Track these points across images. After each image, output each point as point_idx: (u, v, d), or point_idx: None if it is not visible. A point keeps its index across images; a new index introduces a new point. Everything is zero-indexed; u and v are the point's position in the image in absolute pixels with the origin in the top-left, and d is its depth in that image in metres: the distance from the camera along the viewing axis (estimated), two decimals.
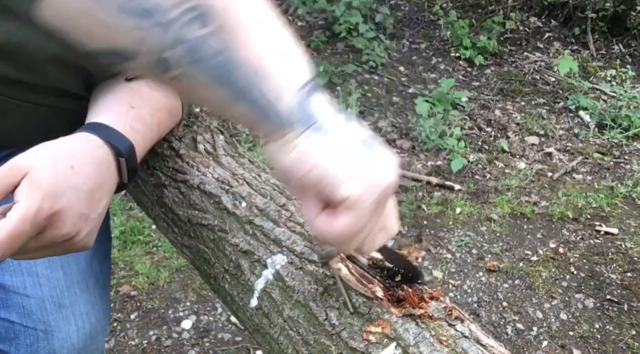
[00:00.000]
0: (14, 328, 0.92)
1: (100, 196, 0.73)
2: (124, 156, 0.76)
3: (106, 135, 0.75)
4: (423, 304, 0.66)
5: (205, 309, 2.31)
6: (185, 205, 0.87)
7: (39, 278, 0.92)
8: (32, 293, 0.92)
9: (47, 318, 0.93)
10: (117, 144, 0.76)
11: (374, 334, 0.63)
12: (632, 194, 3.17)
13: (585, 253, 2.73)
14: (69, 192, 0.67)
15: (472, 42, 4.53)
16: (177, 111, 0.94)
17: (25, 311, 0.92)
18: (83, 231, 0.70)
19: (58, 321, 0.93)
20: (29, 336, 0.92)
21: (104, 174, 0.73)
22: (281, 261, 0.73)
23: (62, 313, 0.94)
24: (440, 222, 2.89)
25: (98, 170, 0.72)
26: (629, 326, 2.34)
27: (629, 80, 4.41)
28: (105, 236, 1.07)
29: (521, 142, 3.64)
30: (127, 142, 0.77)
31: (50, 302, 0.93)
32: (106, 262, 1.07)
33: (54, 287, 0.94)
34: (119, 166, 0.77)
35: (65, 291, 0.95)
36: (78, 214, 0.68)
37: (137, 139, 0.79)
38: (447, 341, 0.62)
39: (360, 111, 3.76)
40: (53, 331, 0.93)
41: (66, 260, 0.95)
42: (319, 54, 4.46)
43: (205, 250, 0.83)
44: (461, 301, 2.43)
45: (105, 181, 0.74)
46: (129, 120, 0.80)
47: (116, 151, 0.76)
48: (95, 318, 0.99)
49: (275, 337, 0.71)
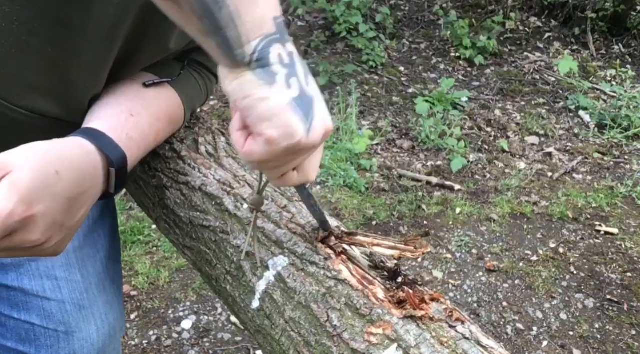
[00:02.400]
0: (34, 330, 0.93)
1: (81, 204, 0.70)
2: (115, 166, 0.73)
3: (100, 142, 0.73)
4: (424, 306, 0.66)
5: (205, 309, 2.31)
6: (187, 206, 0.87)
7: (58, 281, 0.93)
8: (52, 296, 0.92)
9: (68, 319, 0.93)
10: (109, 153, 0.73)
11: (375, 336, 0.63)
12: (632, 194, 3.17)
13: (585, 253, 2.74)
14: (47, 198, 0.65)
15: (472, 42, 4.53)
16: (178, 119, 0.92)
17: (46, 314, 0.92)
18: (54, 239, 0.68)
19: (79, 322, 0.94)
20: (50, 337, 0.93)
21: (88, 183, 0.70)
22: (283, 262, 0.73)
23: (82, 314, 0.94)
24: (440, 222, 2.89)
25: (83, 178, 0.69)
26: (629, 326, 2.35)
27: (629, 80, 4.41)
28: (116, 236, 1.07)
29: (521, 142, 3.64)
30: (119, 152, 0.75)
31: (71, 304, 0.93)
32: (119, 263, 1.08)
33: (73, 289, 0.94)
34: (108, 174, 0.74)
35: (85, 293, 0.95)
36: (52, 221, 0.66)
37: (131, 148, 0.77)
38: (448, 342, 0.62)
39: (360, 111, 3.76)
40: (74, 332, 0.94)
41: (83, 263, 0.96)
42: (319, 54, 4.46)
43: (206, 252, 0.84)
44: (461, 301, 2.43)
45: (89, 190, 0.71)
46: (126, 128, 0.78)
47: (107, 160, 0.73)
48: (114, 318, 1.00)
49: (276, 338, 0.71)
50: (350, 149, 3.27)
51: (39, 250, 0.68)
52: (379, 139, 3.52)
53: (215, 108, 3.64)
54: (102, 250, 1.00)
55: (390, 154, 3.44)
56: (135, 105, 0.82)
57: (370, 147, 3.44)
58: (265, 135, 0.58)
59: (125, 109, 0.81)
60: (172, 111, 0.89)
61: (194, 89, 0.94)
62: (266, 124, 0.58)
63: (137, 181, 0.98)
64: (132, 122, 0.80)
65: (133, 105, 0.82)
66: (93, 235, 0.99)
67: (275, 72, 0.58)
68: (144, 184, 0.97)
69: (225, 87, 0.60)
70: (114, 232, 1.06)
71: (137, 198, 1.03)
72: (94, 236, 0.99)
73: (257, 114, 0.58)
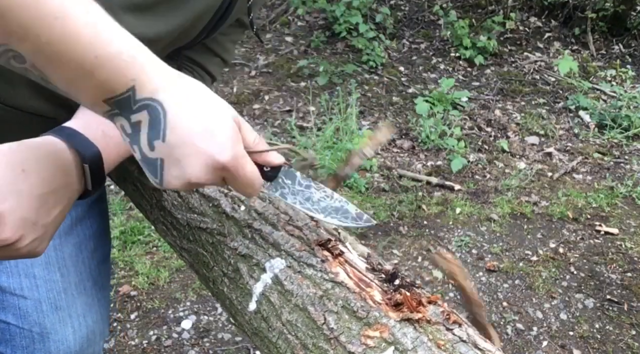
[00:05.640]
0: (9, 330, 0.92)
1: (55, 202, 0.70)
2: (88, 163, 0.73)
3: (72, 140, 0.73)
4: (421, 308, 0.66)
5: (205, 309, 2.31)
6: (184, 208, 0.87)
7: (36, 279, 0.92)
8: (28, 295, 0.91)
9: (44, 320, 0.92)
10: (82, 150, 0.73)
11: (372, 339, 0.63)
12: (632, 194, 3.17)
13: (585, 253, 2.73)
14: (14, 196, 0.65)
15: (472, 42, 4.53)
16: None
17: (22, 313, 0.91)
18: (27, 237, 0.67)
19: (54, 323, 0.93)
20: (25, 337, 0.92)
21: (59, 180, 0.70)
22: (280, 265, 0.73)
23: (58, 315, 0.93)
24: (440, 222, 2.89)
25: (53, 175, 0.69)
26: (629, 326, 2.35)
27: (629, 80, 4.41)
28: (104, 238, 1.06)
29: (521, 142, 3.64)
30: (93, 148, 0.74)
31: (47, 303, 0.92)
32: (105, 264, 1.06)
33: (50, 289, 0.93)
34: (85, 172, 0.74)
35: (63, 293, 0.94)
36: (21, 218, 0.66)
37: (108, 145, 0.77)
38: (445, 345, 0.62)
39: (360, 111, 3.76)
40: (49, 334, 0.93)
41: (64, 262, 0.95)
42: (319, 54, 4.46)
43: (204, 253, 0.84)
44: (461, 301, 2.43)
45: (62, 187, 0.70)
46: (102, 125, 0.77)
47: (80, 157, 0.73)
48: (93, 321, 0.99)
49: (273, 341, 0.71)
50: (350, 149, 3.27)
51: (13, 250, 0.67)
52: None
53: None
54: (85, 250, 0.99)
55: (390, 154, 3.44)
56: None
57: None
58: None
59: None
60: None
61: None
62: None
63: (135, 183, 0.98)
64: None
65: None
66: (76, 235, 0.98)
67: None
68: (141, 186, 0.97)
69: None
70: (101, 234, 1.05)
71: (135, 200, 1.03)
72: (78, 236, 0.98)
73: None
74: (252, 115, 3.67)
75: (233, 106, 0.67)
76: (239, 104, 3.80)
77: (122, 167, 0.99)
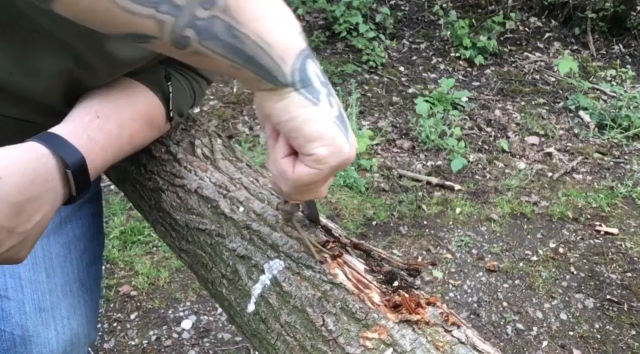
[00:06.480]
0: None
1: (34, 209, 0.68)
2: (70, 169, 0.72)
3: (54, 145, 0.71)
4: (420, 310, 0.66)
5: (205, 309, 2.31)
6: (183, 209, 0.87)
7: (21, 280, 0.90)
8: (12, 296, 0.90)
9: (26, 322, 0.90)
10: (64, 156, 0.71)
11: (370, 340, 0.63)
12: (632, 194, 3.17)
13: (585, 253, 2.73)
14: None
15: (472, 42, 4.53)
16: (158, 121, 0.89)
17: (4, 314, 0.90)
18: (4, 245, 0.66)
19: (37, 326, 0.91)
20: (6, 341, 0.90)
21: (39, 186, 0.68)
22: (278, 266, 0.73)
23: (41, 317, 0.91)
24: (440, 222, 2.89)
25: (31, 182, 0.67)
26: (629, 326, 2.35)
27: (629, 80, 4.41)
28: (95, 239, 1.05)
29: (521, 142, 3.64)
30: (76, 154, 0.73)
31: (31, 305, 0.91)
32: (95, 265, 1.04)
33: (35, 290, 0.91)
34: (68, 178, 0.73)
35: (47, 294, 0.92)
36: None
37: (94, 150, 0.76)
38: (444, 347, 0.62)
39: (360, 111, 3.76)
40: (31, 336, 0.91)
41: (50, 262, 0.93)
42: (319, 54, 4.46)
43: (202, 255, 0.83)
44: (461, 301, 2.43)
45: (42, 194, 0.69)
46: (88, 130, 0.76)
47: (63, 162, 0.71)
48: (77, 324, 0.97)
49: (272, 343, 0.71)
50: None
51: None
52: (379, 139, 3.52)
53: (215, 108, 3.63)
54: (74, 251, 0.98)
55: (390, 154, 3.44)
56: (102, 107, 0.81)
57: (370, 147, 3.43)
58: (316, 154, 0.60)
59: (92, 110, 0.79)
60: (150, 112, 0.87)
61: (178, 92, 0.92)
62: (316, 143, 0.59)
63: (134, 184, 0.98)
64: (97, 124, 0.78)
65: (101, 107, 0.81)
66: (65, 234, 0.97)
67: (318, 91, 0.60)
68: (140, 187, 0.97)
69: (266, 110, 0.61)
70: (92, 235, 1.03)
71: (134, 201, 1.03)
72: (67, 236, 0.97)
73: (306, 134, 0.59)
74: (252, 115, 3.67)
75: (233, 106, 0.67)
76: (239, 104, 3.79)
77: (121, 168, 1.00)
